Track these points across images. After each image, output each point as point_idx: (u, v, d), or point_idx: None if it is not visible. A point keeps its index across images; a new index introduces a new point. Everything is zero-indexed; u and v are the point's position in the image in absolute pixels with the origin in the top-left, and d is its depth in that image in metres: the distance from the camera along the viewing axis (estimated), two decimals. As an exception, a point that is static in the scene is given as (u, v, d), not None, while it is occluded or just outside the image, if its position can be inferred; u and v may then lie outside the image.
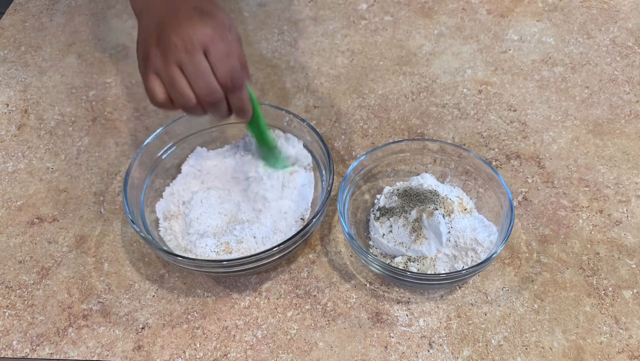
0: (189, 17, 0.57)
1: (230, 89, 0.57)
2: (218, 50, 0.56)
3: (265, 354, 0.60)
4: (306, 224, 0.61)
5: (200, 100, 0.57)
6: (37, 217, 0.72)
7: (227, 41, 0.57)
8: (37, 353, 0.61)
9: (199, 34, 0.55)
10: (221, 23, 0.58)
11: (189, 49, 0.55)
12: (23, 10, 1.01)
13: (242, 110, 0.60)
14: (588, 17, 0.95)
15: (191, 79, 0.56)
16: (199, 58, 0.55)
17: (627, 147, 0.76)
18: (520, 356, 0.59)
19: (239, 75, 0.57)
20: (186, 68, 0.55)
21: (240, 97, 0.59)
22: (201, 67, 0.55)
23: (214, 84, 0.56)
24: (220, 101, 0.58)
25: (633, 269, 0.65)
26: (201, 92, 0.56)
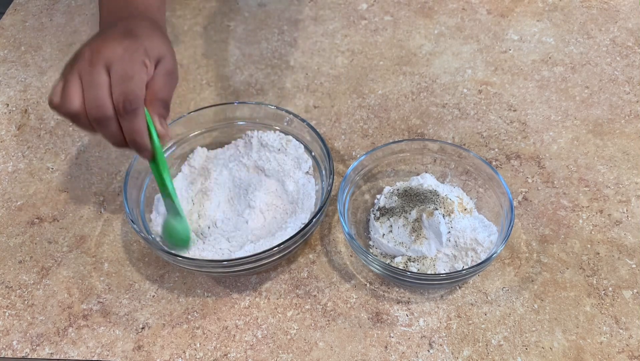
0: (113, 33, 0.55)
1: (121, 112, 0.52)
2: (120, 69, 0.52)
3: (265, 354, 0.60)
4: (306, 224, 0.61)
5: (88, 111, 0.53)
6: (37, 217, 0.72)
7: (136, 65, 0.53)
8: (37, 353, 0.61)
9: (108, 50, 0.53)
10: (142, 48, 0.54)
11: (92, 61, 0.53)
12: (23, 10, 1.01)
13: (134, 141, 0.54)
14: (588, 17, 0.95)
15: (84, 87, 0.52)
16: (98, 71, 0.52)
17: (627, 147, 0.76)
18: (520, 356, 0.59)
19: (134, 99, 0.52)
20: (83, 77, 0.53)
21: (132, 126, 0.53)
22: (96, 79, 0.52)
23: (104, 99, 0.52)
24: (107, 119, 0.53)
25: (633, 269, 0.65)
26: (89, 103, 0.52)
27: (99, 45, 0.54)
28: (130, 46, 0.54)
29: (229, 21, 0.97)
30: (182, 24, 0.97)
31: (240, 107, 0.74)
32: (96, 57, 0.53)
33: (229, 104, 0.74)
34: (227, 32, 0.95)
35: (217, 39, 0.94)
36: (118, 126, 0.54)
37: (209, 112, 0.73)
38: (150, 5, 0.63)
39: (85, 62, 0.53)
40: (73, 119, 0.54)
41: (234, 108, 0.74)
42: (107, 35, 0.55)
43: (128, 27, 0.57)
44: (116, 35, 0.55)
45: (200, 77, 0.88)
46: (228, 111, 0.74)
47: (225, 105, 0.74)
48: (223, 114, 0.74)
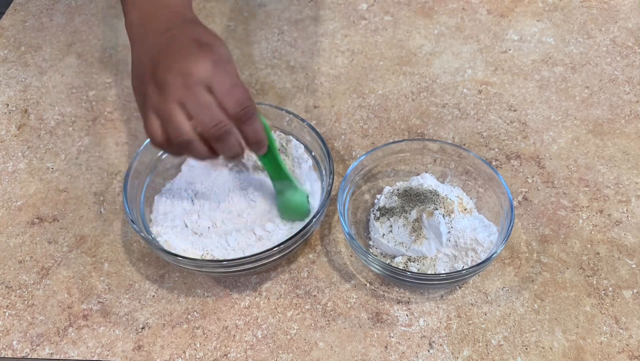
0: (187, 49, 0.53)
1: (243, 119, 0.53)
2: (222, 84, 0.52)
3: (265, 354, 0.60)
4: (306, 224, 0.61)
5: (206, 133, 0.52)
6: (37, 217, 0.72)
7: (230, 73, 0.53)
8: (37, 353, 0.61)
9: (200, 69, 0.51)
10: (220, 56, 0.54)
11: (188, 85, 0.51)
12: (23, 10, 1.01)
13: (257, 142, 0.56)
14: (588, 17, 0.95)
15: (193, 112, 0.51)
16: (201, 92, 0.51)
17: (627, 147, 0.76)
18: (520, 356, 0.59)
19: (250, 103, 0.53)
20: (187, 104, 0.51)
21: (254, 128, 0.54)
22: (205, 100, 0.51)
23: (221, 115, 0.52)
24: (229, 133, 0.53)
25: (633, 269, 0.65)
26: (205, 124, 0.52)
27: (187, 68, 0.51)
28: (216, 59, 0.53)
29: (229, 21, 0.97)
30: (182, 24, 0.97)
31: (240, 107, 0.74)
32: (191, 81, 0.51)
33: (229, 104, 0.74)
34: (227, 32, 0.95)
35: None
36: (237, 137, 0.54)
37: (209, 112, 0.73)
38: (181, 4, 0.61)
39: (180, 89, 0.51)
40: (185, 147, 0.53)
41: (234, 108, 0.74)
42: (185, 54, 0.53)
43: (195, 38, 0.55)
44: (194, 50, 0.53)
45: (200, 77, 0.88)
46: (228, 111, 0.74)
47: (225, 105, 0.74)
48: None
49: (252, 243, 0.64)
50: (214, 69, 0.52)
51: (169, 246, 0.64)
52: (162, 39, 0.55)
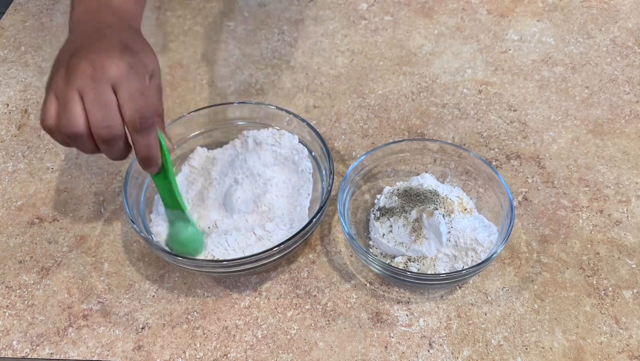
0: (109, 47, 0.52)
1: (138, 128, 0.51)
2: (130, 87, 0.50)
3: (265, 354, 0.60)
4: (306, 224, 0.61)
5: (95, 131, 0.51)
6: (37, 217, 0.72)
7: (142, 82, 0.52)
8: (37, 353, 0.61)
9: (113, 67, 0.50)
10: (142, 65, 0.53)
11: (95, 77, 0.50)
12: (23, 10, 1.01)
13: (148, 158, 0.54)
14: (588, 17, 0.95)
15: (89, 106, 0.50)
16: (105, 89, 0.50)
17: (627, 147, 0.76)
18: (520, 356, 0.59)
19: (150, 115, 0.51)
20: (87, 95, 0.50)
21: (148, 142, 0.53)
22: (104, 97, 0.50)
23: (115, 118, 0.50)
24: (117, 138, 0.51)
25: (633, 269, 0.65)
26: (97, 123, 0.50)
27: (100, 61, 0.50)
28: (133, 63, 0.52)
29: (229, 21, 0.97)
30: (182, 24, 0.97)
31: (240, 107, 0.74)
32: (100, 74, 0.50)
33: (229, 104, 0.74)
34: (227, 32, 0.95)
35: (217, 39, 0.94)
36: (125, 144, 0.53)
37: (209, 112, 0.73)
38: (129, 11, 0.60)
39: (85, 79, 0.50)
40: (72, 139, 0.52)
41: (234, 108, 0.74)
42: (104, 49, 0.52)
43: (123, 41, 0.54)
44: (115, 51, 0.52)
45: (200, 77, 0.88)
46: (228, 111, 0.74)
47: (225, 105, 0.74)
48: (223, 114, 0.74)
49: (252, 243, 0.64)
50: (127, 72, 0.51)
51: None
52: (94, 33, 0.55)
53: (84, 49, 0.52)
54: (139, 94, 0.51)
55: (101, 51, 0.52)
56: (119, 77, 0.50)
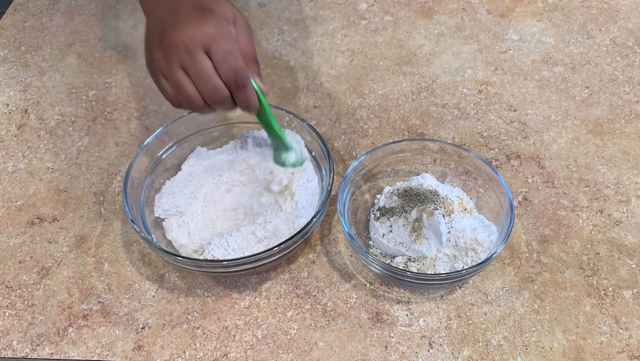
0: (189, 16, 0.57)
1: (234, 88, 0.57)
2: (220, 49, 0.55)
3: (265, 354, 0.60)
4: (306, 224, 0.61)
5: (207, 100, 0.57)
6: (37, 217, 0.72)
7: (229, 38, 0.57)
8: (37, 353, 0.61)
9: (199, 34, 0.55)
10: (223, 18, 0.58)
11: (190, 50, 0.55)
12: (23, 10, 1.01)
13: (247, 106, 0.59)
14: (588, 17, 0.95)
15: (195, 80, 0.56)
16: (201, 58, 0.55)
17: (627, 147, 0.76)
18: (520, 356, 0.59)
19: (242, 73, 0.56)
20: (189, 69, 0.55)
21: (245, 95, 0.58)
22: (204, 67, 0.55)
23: (218, 84, 0.56)
24: (225, 99, 0.57)
25: (633, 269, 0.65)
26: (206, 93, 0.56)
27: (189, 31, 0.55)
28: (215, 22, 0.56)
29: (229, 21, 0.97)
30: (182, 24, 0.97)
31: (240, 107, 0.74)
32: (192, 45, 0.55)
33: (229, 104, 0.74)
34: (227, 32, 0.95)
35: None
36: (232, 101, 0.58)
37: (209, 112, 0.73)
38: None
39: (182, 54, 0.55)
40: (195, 109, 0.58)
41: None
42: (186, 18, 0.57)
43: (198, 4, 0.58)
44: (196, 16, 0.57)
45: (200, 77, 0.88)
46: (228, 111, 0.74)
47: (225, 105, 0.74)
48: (223, 114, 0.74)
49: (252, 243, 0.64)
50: (214, 34, 0.56)
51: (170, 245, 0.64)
52: (168, 7, 0.59)
53: (171, 26, 0.57)
54: (228, 54, 0.56)
55: (184, 22, 0.56)
56: (208, 42, 0.55)
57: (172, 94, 0.58)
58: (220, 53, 0.55)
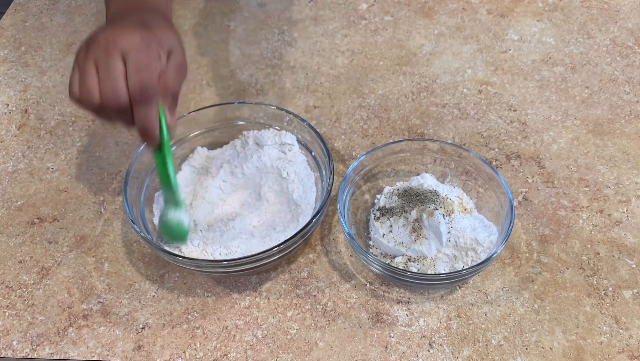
0: (126, 24, 0.56)
1: (137, 100, 0.54)
2: (137, 60, 0.53)
3: (265, 354, 0.60)
4: (306, 224, 0.61)
5: (104, 101, 0.54)
6: (37, 217, 0.72)
7: (152, 55, 0.55)
8: (37, 353, 0.61)
9: (124, 40, 0.54)
10: (156, 39, 0.56)
11: (108, 50, 0.53)
12: (23, 10, 1.01)
13: (145, 129, 0.56)
14: (588, 17, 0.95)
15: (101, 78, 0.54)
16: (114, 61, 0.53)
17: (627, 147, 0.76)
18: (520, 356, 0.59)
19: (151, 89, 0.54)
20: (100, 67, 0.54)
21: (145, 114, 0.55)
22: (113, 69, 0.53)
23: (121, 89, 0.53)
24: (123, 107, 0.54)
25: (633, 269, 0.65)
26: (106, 94, 0.54)
27: (115, 35, 0.54)
28: (146, 36, 0.55)
29: (229, 21, 0.97)
30: (182, 24, 0.97)
31: (240, 107, 0.74)
32: (112, 46, 0.54)
33: (229, 104, 0.74)
34: (227, 32, 0.95)
35: (217, 39, 0.94)
36: (130, 116, 0.55)
37: (209, 112, 0.73)
38: (157, 4, 0.64)
39: (100, 51, 0.54)
40: (94, 111, 0.56)
41: (234, 108, 0.74)
42: (122, 25, 0.56)
43: (141, 19, 0.58)
44: (131, 26, 0.56)
45: (200, 77, 0.88)
46: (228, 111, 0.74)
47: (225, 105, 0.74)
48: (223, 114, 0.74)
49: (252, 243, 0.64)
50: (139, 45, 0.54)
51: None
52: (120, 17, 0.60)
53: (107, 28, 0.57)
54: (145, 66, 0.54)
55: (118, 27, 0.56)
56: (128, 49, 0.54)
57: (74, 85, 0.55)
58: (136, 64, 0.53)
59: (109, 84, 0.53)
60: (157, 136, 0.57)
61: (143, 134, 0.56)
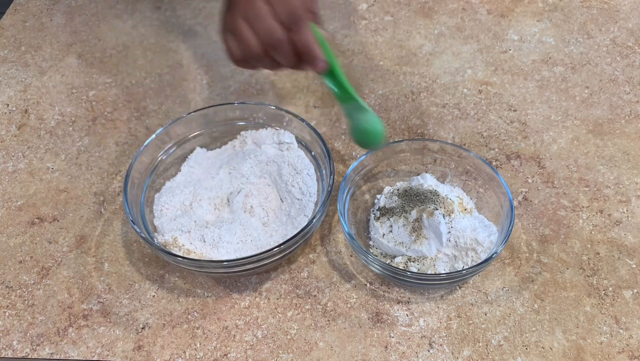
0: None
1: (291, 27, 0.56)
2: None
3: (266, 354, 0.60)
4: (306, 225, 0.61)
5: (263, 44, 0.57)
6: (37, 217, 0.72)
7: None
8: (37, 353, 0.61)
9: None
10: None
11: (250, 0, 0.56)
12: (23, 10, 1.01)
13: (308, 52, 0.58)
14: (588, 17, 0.95)
15: (253, 24, 0.57)
16: (258, 3, 0.56)
17: (627, 147, 0.76)
18: (521, 356, 0.59)
19: (299, 13, 0.56)
20: (248, 16, 0.57)
21: (303, 37, 0.57)
22: (260, 10, 0.56)
23: (273, 24, 0.56)
24: (281, 42, 0.57)
25: (633, 269, 0.65)
26: (261, 35, 0.57)
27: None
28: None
29: (229, 21, 0.97)
30: (182, 24, 0.97)
31: (240, 107, 0.74)
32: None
33: (229, 104, 0.74)
34: (227, 32, 0.95)
35: (217, 39, 0.94)
36: (290, 47, 0.57)
37: (209, 112, 0.73)
38: None
39: (243, 4, 0.57)
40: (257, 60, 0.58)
41: (234, 108, 0.74)
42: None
43: None
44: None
45: (200, 77, 0.88)
46: (228, 111, 0.74)
47: (225, 105, 0.74)
48: (223, 114, 0.74)
49: (252, 243, 0.64)
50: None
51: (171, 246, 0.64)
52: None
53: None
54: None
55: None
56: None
57: (234, 47, 0.59)
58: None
59: (262, 25, 0.56)
60: (323, 54, 0.58)
61: (308, 58, 0.58)
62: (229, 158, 0.72)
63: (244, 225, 0.65)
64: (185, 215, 0.66)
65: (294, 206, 0.67)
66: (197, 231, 0.65)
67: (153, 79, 0.88)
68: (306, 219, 0.66)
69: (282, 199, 0.68)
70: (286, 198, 0.68)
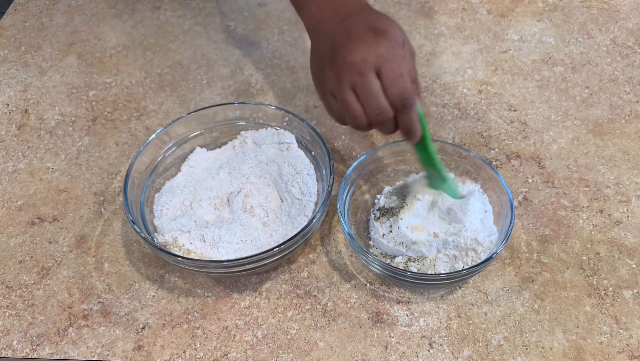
0: (363, 37, 0.57)
1: (400, 109, 0.56)
2: (390, 71, 0.55)
3: (266, 354, 0.60)
4: (306, 225, 0.61)
5: (371, 119, 0.57)
6: (38, 217, 0.72)
7: (399, 60, 0.56)
8: (37, 353, 0.61)
9: (373, 56, 0.55)
10: (394, 41, 0.57)
11: (362, 71, 0.55)
12: (23, 10, 1.01)
13: (409, 131, 0.59)
14: (588, 17, 0.95)
15: (363, 100, 0.56)
16: (371, 79, 0.55)
17: (627, 147, 0.76)
18: (521, 356, 0.59)
19: (410, 96, 0.56)
20: (359, 89, 0.56)
21: (409, 119, 0.57)
22: (373, 88, 0.55)
23: (384, 105, 0.56)
24: (389, 120, 0.57)
25: (633, 269, 0.65)
26: (371, 112, 0.56)
27: (361, 53, 0.55)
28: (389, 44, 0.56)
29: (229, 21, 0.97)
30: (182, 24, 0.97)
31: (240, 107, 0.74)
32: (365, 66, 0.55)
33: (229, 104, 0.74)
34: (227, 32, 0.95)
35: (217, 39, 0.94)
36: (394, 122, 0.58)
37: (209, 112, 0.73)
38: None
39: (354, 75, 0.55)
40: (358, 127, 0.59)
41: (234, 108, 0.74)
42: (360, 41, 0.56)
43: (369, 25, 0.58)
44: (368, 37, 0.56)
45: (200, 77, 0.88)
46: (228, 111, 0.74)
47: (225, 105, 0.74)
48: (223, 114, 0.74)
49: (252, 243, 0.64)
50: (386, 55, 0.56)
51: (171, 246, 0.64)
52: (339, 27, 0.59)
53: (344, 46, 0.57)
54: (399, 76, 0.56)
55: (358, 44, 0.56)
56: (380, 63, 0.55)
57: (338, 113, 0.59)
58: (391, 75, 0.55)
59: (373, 103, 0.56)
60: (421, 132, 0.59)
61: (407, 134, 0.59)
62: (229, 158, 0.72)
63: (244, 225, 0.65)
64: (185, 215, 0.66)
65: (294, 206, 0.67)
66: (197, 231, 0.65)
67: (153, 79, 0.88)
68: (306, 219, 0.66)
69: (282, 199, 0.68)
70: (286, 198, 0.68)
